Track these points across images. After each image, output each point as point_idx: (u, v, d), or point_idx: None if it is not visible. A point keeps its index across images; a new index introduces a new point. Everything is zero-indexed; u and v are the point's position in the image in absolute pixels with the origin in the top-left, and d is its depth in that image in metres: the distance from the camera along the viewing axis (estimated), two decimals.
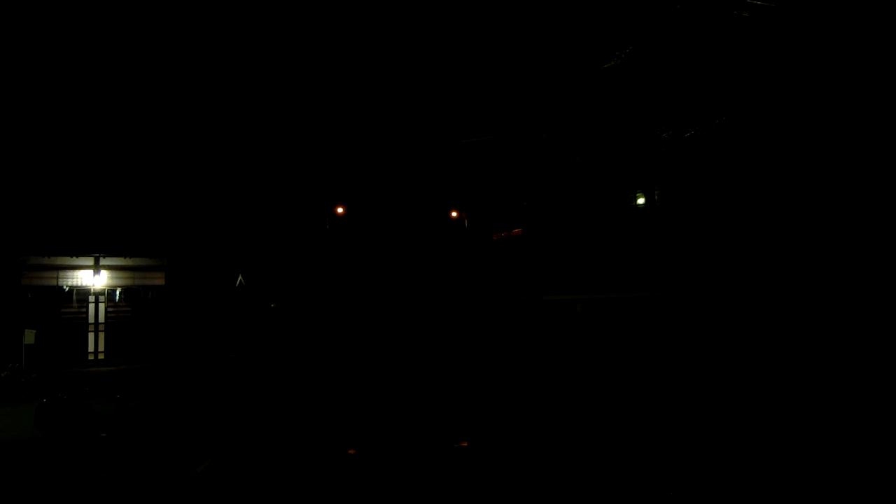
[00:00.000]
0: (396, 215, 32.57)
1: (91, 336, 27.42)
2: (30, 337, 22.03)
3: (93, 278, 27.46)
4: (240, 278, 30.62)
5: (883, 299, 19.06)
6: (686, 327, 22.40)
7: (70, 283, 27.35)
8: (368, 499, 10.24)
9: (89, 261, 27.51)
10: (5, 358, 20.99)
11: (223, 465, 11.73)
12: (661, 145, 24.68)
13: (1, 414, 16.20)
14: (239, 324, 29.35)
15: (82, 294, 27.60)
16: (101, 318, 27.67)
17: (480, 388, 20.31)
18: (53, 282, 27.13)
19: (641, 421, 14.74)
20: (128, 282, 28.40)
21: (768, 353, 19.71)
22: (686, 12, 22.32)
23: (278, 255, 31.37)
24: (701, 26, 22.34)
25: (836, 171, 20.74)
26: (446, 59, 29.89)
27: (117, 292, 28.48)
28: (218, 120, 30.89)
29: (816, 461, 11.21)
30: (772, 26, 21.47)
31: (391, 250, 31.56)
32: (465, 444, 14.33)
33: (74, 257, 27.28)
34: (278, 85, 31.83)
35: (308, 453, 12.97)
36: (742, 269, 22.41)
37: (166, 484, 10.65)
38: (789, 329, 20.08)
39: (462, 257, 31.16)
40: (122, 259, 28.06)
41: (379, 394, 19.78)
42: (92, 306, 27.56)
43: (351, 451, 13.51)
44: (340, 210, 32.50)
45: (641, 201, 26.50)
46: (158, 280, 28.89)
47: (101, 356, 27.31)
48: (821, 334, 19.23)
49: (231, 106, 31.12)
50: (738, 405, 15.62)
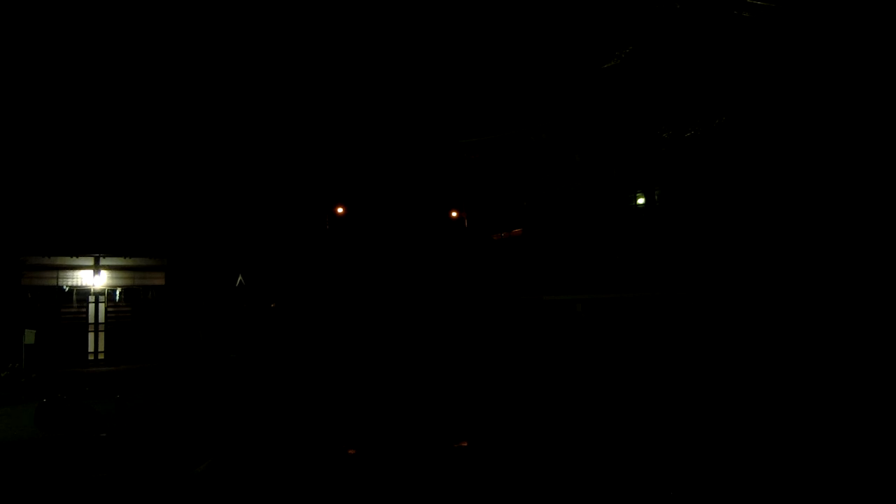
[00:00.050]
0: (396, 215, 32.57)
1: (91, 336, 27.43)
2: (30, 337, 22.03)
3: (93, 278, 27.46)
4: (240, 278, 30.62)
5: (883, 299, 19.07)
6: (686, 327, 22.40)
7: (70, 283, 27.35)
8: (368, 499, 10.24)
9: (89, 261, 27.51)
10: (5, 358, 20.99)
11: (223, 465, 11.73)
12: (661, 145, 24.68)
13: (1, 414, 16.20)
14: (239, 324, 29.35)
15: (82, 294, 27.61)
16: (101, 318, 27.67)
17: (480, 388, 20.31)
18: (53, 282, 27.14)
19: (641, 421, 14.74)
20: (128, 282, 28.41)
21: (768, 352, 19.71)
22: (686, 12, 22.33)
23: (278, 255, 31.37)
24: (701, 26, 22.35)
25: (836, 170, 20.75)
26: (446, 59, 29.90)
27: (117, 292, 28.49)
28: (218, 120, 30.90)
29: (816, 461, 11.21)
30: (772, 26, 21.48)
31: (391, 250, 31.55)
32: (465, 444, 14.33)
33: (74, 257, 27.28)
34: (278, 85, 31.84)
35: (308, 453, 12.97)
36: (742, 269, 22.41)
37: (166, 484, 10.65)
38: (789, 329, 20.08)
39: (462, 257, 31.15)
40: (122, 259, 28.08)
41: (379, 394, 19.78)
42: (92, 306, 27.56)
43: (351, 451, 13.52)
44: (340, 210, 32.51)
45: (641, 201, 26.51)
46: (158, 280, 28.90)
47: (101, 356, 27.31)
48: (820, 334, 19.23)
49: (231, 106, 31.13)
50: (738, 405, 15.62)
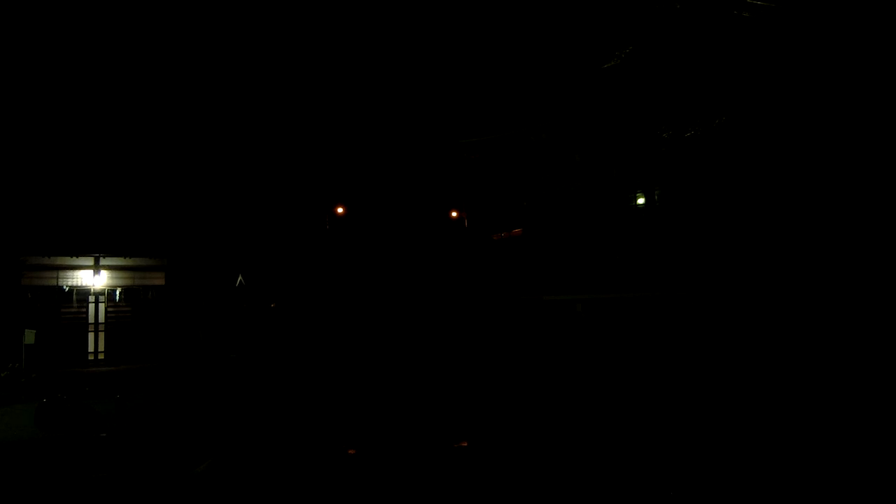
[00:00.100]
0: (396, 215, 32.57)
1: (91, 336, 27.41)
2: (30, 337, 22.03)
3: (93, 278, 27.45)
4: (240, 278, 30.62)
5: (883, 299, 19.07)
6: (686, 327, 22.40)
7: (70, 283, 27.35)
8: (368, 499, 10.24)
9: (89, 261, 27.50)
10: (5, 358, 20.98)
11: (223, 465, 11.73)
12: (661, 145, 24.68)
13: (1, 414, 16.19)
14: (239, 324, 29.35)
15: (82, 294, 27.60)
16: (101, 318, 27.66)
17: (480, 388, 20.31)
18: (53, 282, 27.13)
19: (641, 421, 14.74)
20: (128, 282, 28.40)
21: (768, 352, 19.71)
22: (686, 12, 22.33)
23: (278, 255, 31.36)
24: (701, 26, 22.35)
25: (836, 170, 20.75)
26: (446, 59, 29.90)
27: (117, 292, 28.49)
28: (218, 120, 30.90)
29: (816, 461, 11.21)
30: (772, 26, 21.48)
31: (391, 250, 31.55)
32: (465, 444, 14.33)
33: (74, 257, 27.27)
34: (278, 85, 31.84)
35: (308, 453, 12.97)
36: (742, 269, 22.42)
37: (166, 484, 10.65)
38: (789, 328, 20.08)
39: (462, 257, 31.15)
40: (122, 259, 28.06)
41: (379, 394, 19.78)
42: (92, 306, 27.55)
43: (351, 451, 13.52)
44: (340, 210, 32.51)
45: (641, 201, 26.51)
46: (158, 280, 28.89)
47: (101, 356, 27.30)
48: (820, 333, 19.23)
49: (231, 106, 31.13)
50: (738, 404, 15.62)
